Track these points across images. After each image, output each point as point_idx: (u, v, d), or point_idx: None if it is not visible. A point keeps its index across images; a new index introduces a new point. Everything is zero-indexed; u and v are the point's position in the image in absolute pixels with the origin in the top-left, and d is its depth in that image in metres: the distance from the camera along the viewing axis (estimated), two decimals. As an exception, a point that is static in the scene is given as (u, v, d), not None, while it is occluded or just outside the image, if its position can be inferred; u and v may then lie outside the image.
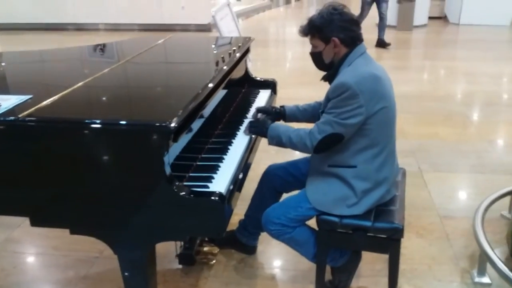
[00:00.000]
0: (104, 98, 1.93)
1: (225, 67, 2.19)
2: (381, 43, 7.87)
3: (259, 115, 2.33)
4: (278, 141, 2.00)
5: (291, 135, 1.95)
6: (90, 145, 1.57)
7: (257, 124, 2.10)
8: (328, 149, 1.90)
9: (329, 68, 1.97)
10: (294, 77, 6.13)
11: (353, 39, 1.92)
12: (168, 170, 1.55)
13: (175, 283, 2.30)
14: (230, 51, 2.43)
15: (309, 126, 2.00)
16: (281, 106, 2.33)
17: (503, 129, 4.34)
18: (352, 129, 1.85)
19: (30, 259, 2.56)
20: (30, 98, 1.76)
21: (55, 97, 1.78)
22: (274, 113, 2.32)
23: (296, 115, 2.30)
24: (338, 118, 1.82)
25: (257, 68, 6.55)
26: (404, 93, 5.30)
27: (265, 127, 2.05)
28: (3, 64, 2.52)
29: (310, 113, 2.26)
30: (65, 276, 2.39)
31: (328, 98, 1.89)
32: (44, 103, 1.72)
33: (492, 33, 9.31)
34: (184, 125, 1.64)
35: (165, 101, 1.87)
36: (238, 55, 2.40)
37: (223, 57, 2.32)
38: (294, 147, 1.97)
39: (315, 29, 1.93)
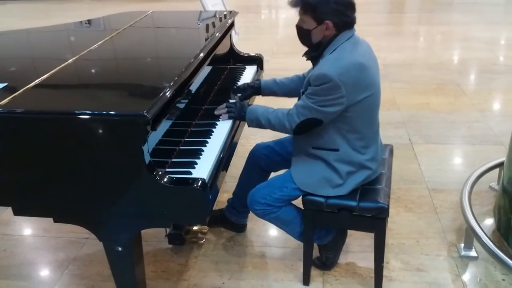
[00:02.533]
0: (79, 86, 1.88)
1: (205, 49, 2.12)
2: None
3: (235, 97, 2.27)
4: (257, 124, 1.98)
5: (269, 116, 1.92)
6: (66, 135, 1.54)
7: (235, 109, 2.06)
8: (308, 131, 1.88)
9: (315, 48, 1.88)
10: (286, 45, 6.02)
11: (346, 24, 1.82)
12: (147, 158, 1.53)
13: (165, 262, 2.32)
14: (211, 29, 2.36)
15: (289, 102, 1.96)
16: (256, 80, 2.29)
17: (494, 97, 4.31)
18: (331, 116, 1.81)
19: (20, 241, 2.56)
20: (5, 86, 1.72)
21: (30, 85, 1.74)
22: (249, 89, 2.27)
23: (273, 88, 2.25)
24: (317, 105, 1.78)
25: (248, 36, 6.44)
26: (397, 61, 5.24)
27: (243, 111, 2.01)
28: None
29: (287, 87, 2.22)
30: (56, 258, 2.41)
31: (308, 82, 1.84)
32: (19, 92, 1.67)
33: (488, -5, 9.12)
34: (162, 113, 1.61)
35: (142, 88, 1.82)
36: (218, 34, 2.34)
37: (204, 37, 2.26)
38: (273, 128, 1.95)
39: (308, 6, 1.80)
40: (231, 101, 2.22)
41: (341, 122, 1.85)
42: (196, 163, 1.74)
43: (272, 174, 2.32)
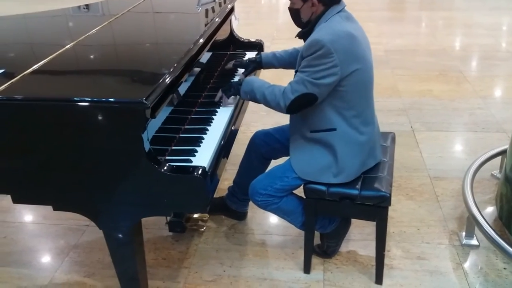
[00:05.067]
0: (77, 72, 1.85)
1: (205, 35, 2.09)
2: None
3: (239, 74, 2.31)
4: (252, 96, 1.96)
5: (265, 91, 1.90)
6: (65, 123, 1.52)
7: (230, 86, 2.06)
8: (301, 109, 1.86)
9: (306, 25, 1.91)
10: (286, 31, 5.95)
11: None
12: (147, 146, 1.51)
13: (165, 250, 2.32)
14: (211, 14, 2.33)
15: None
16: (257, 54, 2.30)
17: (496, 84, 4.27)
18: (326, 90, 1.79)
19: (20, 228, 2.55)
20: (2, 73, 1.69)
21: (28, 71, 1.71)
22: (251, 64, 2.30)
23: (273, 62, 2.28)
24: (312, 77, 1.76)
25: (248, 21, 6.37)
26: (399, 47, 5.19)
27: (239, 83, 2.00)
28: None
29: (287, 60, 2.24)
30: (56, 245, 2.40)
31: (302, 56, 1.83)
32: (17, 78, 1.65)
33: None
34: (162, 100, 1.58)
35: (141, 74, 1.80)
36: (218, 20, 2.30)
37: (204, 22, 2.23)
38: (268, 104, 1.92)
39: None
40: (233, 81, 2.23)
41: (336, 99, 1.83)
42: (196, 151, 1.72)
43: (273, 162, 2.31)
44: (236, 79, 2.37)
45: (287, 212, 2.05)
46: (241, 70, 2.41)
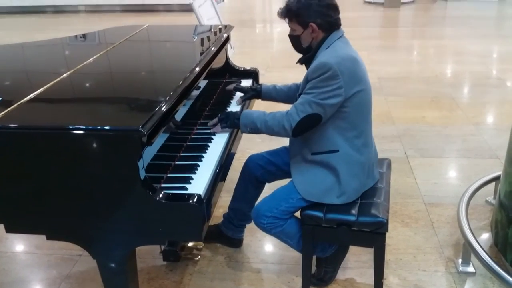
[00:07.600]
0: (74, 100, 1.86)
1: (201, 64, 2.12)
2: None
3: (238, 98, 2.38)
4: (252, 128, 1.96)
5: (266, 118, 1.92)
6: (60, 151, 1.52)
7: (227, 118, 2.05)
8: (306, 131, 1.88)
9: (307, 51, 1.96)
10: (281, 59, 6.04)
11: (330, 25, 1.91)
12: (142, 174, 1.50)
13: (159, 280, 2.28)
14: (207, 43, 2.37)
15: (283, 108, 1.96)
16: (258, 84, 2.35)
17: (489, 111, 4.33)
18: (330, 110, 1.83)
19: (12, 258, 2.51)
20: (-2, 101, 1.70)
21: (25, 100, 1.71)
22: (250, 91, 2.35)
23: (272, 94, 2.31)
24: (317, 98, 1.81)
25: (243, 50, 6.46)
26: (392, 74, 5.27)
27: (236, 117, 2.01)
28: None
29: (285, 94, 2.27)
30: (48, 275, 2.36)
31: (307, 80, 1.87)
32: (13, 107, 1.65)
33: (480, 9, 9.27)
34: (158, 127, 1.59)
35: (137, 102, 1.80)
36: (214, 48, 2.34)
37: (200, 51, 2.26)
38: (271, 131, 1.92)
39: (292, 13, 1.92)
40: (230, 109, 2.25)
41: (339, 119, 1.87)
42: (192, 179, 1.72)
43: (267, 185, 2.31)
44: (233, 103, 2.39)
45: (291, 235, 2.03)
46: (238, 94, 2.45)
